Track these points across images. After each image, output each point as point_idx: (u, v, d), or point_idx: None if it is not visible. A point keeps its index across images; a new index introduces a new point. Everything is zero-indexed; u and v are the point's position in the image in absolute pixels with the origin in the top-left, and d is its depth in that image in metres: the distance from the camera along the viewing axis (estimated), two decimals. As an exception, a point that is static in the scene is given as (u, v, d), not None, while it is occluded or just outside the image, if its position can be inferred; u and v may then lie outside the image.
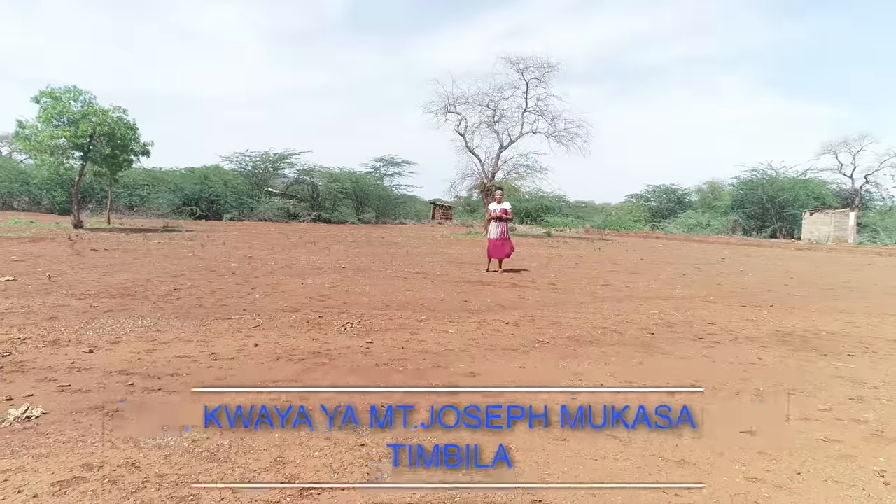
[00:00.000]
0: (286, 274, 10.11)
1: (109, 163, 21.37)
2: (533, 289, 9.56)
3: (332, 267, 11.52)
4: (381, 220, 44.93)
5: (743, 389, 4.19)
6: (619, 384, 4.22)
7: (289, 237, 21.36)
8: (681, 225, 45.30)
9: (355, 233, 27.44)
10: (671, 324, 6.79)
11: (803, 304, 8.99)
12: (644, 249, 22.94)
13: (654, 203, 54.26)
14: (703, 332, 6.40)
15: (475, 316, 6.85)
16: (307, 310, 6.76)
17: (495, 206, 11.81)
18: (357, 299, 7.74)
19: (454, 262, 13.64)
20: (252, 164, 42.17)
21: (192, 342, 4.98)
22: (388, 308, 7.13)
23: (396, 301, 7.72)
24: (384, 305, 7.32)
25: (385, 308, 7.12)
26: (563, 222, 45.08)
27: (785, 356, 5.38)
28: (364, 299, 7.75)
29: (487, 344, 5.37)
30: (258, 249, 14.86)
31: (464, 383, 4.02)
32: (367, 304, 7.40)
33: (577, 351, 5.23)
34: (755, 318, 7.53)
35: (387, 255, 14.71)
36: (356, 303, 7.44)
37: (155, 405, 3.42)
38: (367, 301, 7.61)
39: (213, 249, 14.33)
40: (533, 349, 5.26)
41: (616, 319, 6.95)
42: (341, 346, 5.02)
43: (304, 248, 16.21)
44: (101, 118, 20.17)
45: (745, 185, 44.93)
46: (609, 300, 8.64)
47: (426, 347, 5.12)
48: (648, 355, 5.20)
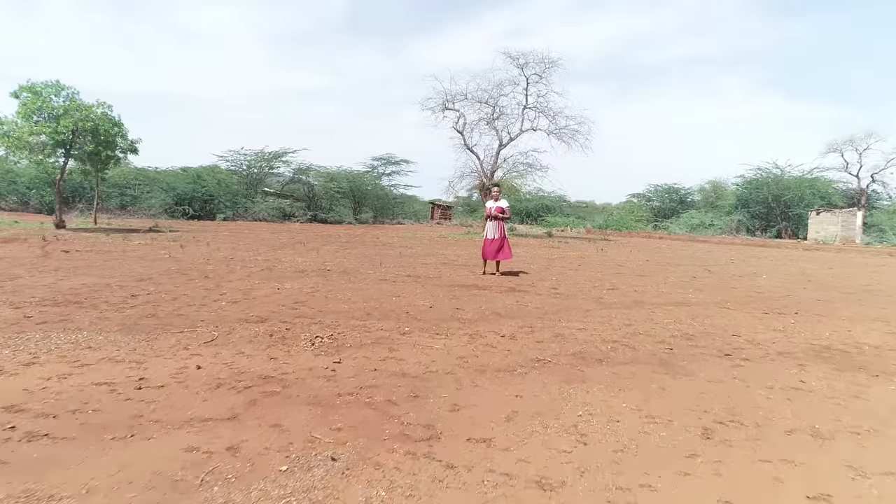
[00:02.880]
0: (264, 277, 9.28)
1: (93, 160, 20.52)
2: (533, 294, 8.72)
3: (317, 269, 10.68)
4: (379, 221, 44.07)
5: (796, 428, 3.36)
6: (641, 421, 3.38)
7: (279, 238, 20.53)
8: (684, 225, 44.47)
9: (350, 233, 26.59)
10: (690, 336, 5.95)
11: (830, 311, 8.16)
12: (648, 250, 22.10)
13: (656, 203, 53.44)
14: (728, 346, 5.56)
15: (467, 327, 6.02)
16: (275, 320, 5.92)
17: (492, 204, 10.96)
18: (336, 307, 6.90)
19: (449, 264, 12.80)
20: (247, 162, 41.30)
21: (123, 363, 4.14)
22: (368, 317, 6.29)
23: (380, 309, 6.88)
24: (364, 314, 6.48)
25: (365, 317, 6.29)
26: (564, 222, 44.23)
27: (830, 378, 4.54)
28: (343, 307, 6.91)
29: (478, 363, 4.53)
30: (242, 251, 14.02)
31: (442, 425, 3.17)
32: (345, 312, 6.56)
33: (585, 373, 4.40)
34: (782, 327, 6.69)
35: (378, 257, 13.88)
36: (333, 311, 6.60)
37: (21, 463, 2.59)
38: (346, 309, 6.77)
39: (194, 251, 13.49)
40: (532, 370, 4.42)
41: (627, 330, 6.12)
42: (302, 368, 4.19)
43: (292, 249, 15.37)
44: (84, 114, 19.33)
45: (749, 184, 44.07)
46: (617, 306, 7.80)
47: (404, 369, 4.28)
48: (670, 377, 4.36)
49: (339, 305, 6.99)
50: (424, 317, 6.48)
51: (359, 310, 6.75)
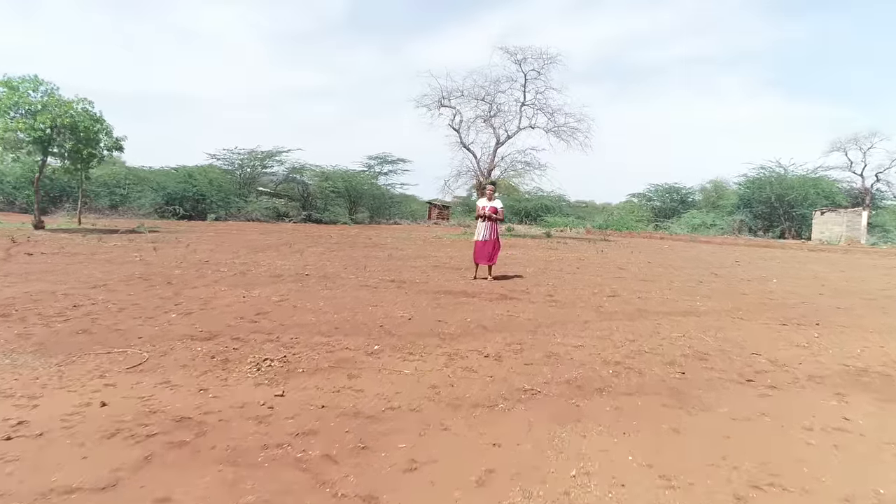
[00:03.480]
0: (233, 283, 8.50)
1: (74, 158, 19.72)
2: (526, 301, 7.94)
3: (294, 274, 9.90)
4: (376, 221, 43.26)
5: (856, 495, 2.57)
6: (653, 484, 2.60)
7: (267, 239, 19.75)
8: (685, 225, 43.67)
9: (343, 233, 25.80)
10: (703, 355, 5.17)
11: (853, 321, 7.38)
12: (650, 251, 21.31)
13: (656, 203, 52.65)
14: (748, 367, 4.78)
15: (447, 344, 5.23)
16: (225, 337, 5.14)
17: (484, 203, 10.16)
18: (301, 319, 6.11)
19: (439, 267, 12.01)
20: (240, 161, 40.47)
21: (12, 398, 3.36)
22: (335, 332, 5.51)
23: (351, 321, 6.09)
24: (332, 328, 5.70)
25: (331, 332, 5.50)
26: (564, 222, 43.38)
27: (878, 413, 3.76)
28: (310, 319, 6.12)
29: (452, 396, 3.75)
30: (220, 253, 13.24)
31: (389, 497, 2.38)
32: (310, 326, 5.77)
33: (581, 408, 3.61)
34: (806, 342, 5.91)
35: (364, 259, 13.09)
36: (297, 324, 5.81)
37: None
38: (312, 322, 5.98)
39: (169, 253, 12.71)
40: (517, 404, 3.64)
41: (631, 348, 5.33)
42: (233, 405, 3.40)
43: (276, 251, 14.58)
44: (63, 110, 18.55)
45: (752, 183, 43.25)
46: (618, 317, 7.02)
47: (359, 405, 3.49)
48: (685, 413, 3.58)
49: (305, 317, 6.20)
50: (400, 331, 5.70)
51: (327, 323, 5.97)
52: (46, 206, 32.80)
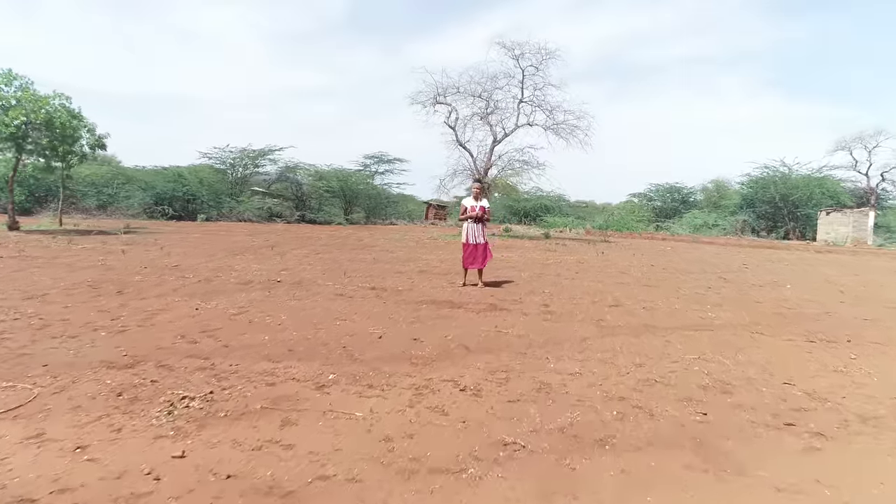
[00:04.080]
0: (192, 292, 7.63)
1: (49, 155, 18.85)
2: (518, 313, 7.06)
3: (265, 281, 9.02)
4: (372, 221, 42.35)
5: None
6: None
7: (252, 240, 18.86)
8: (686, 225, 42.82)
9: (335, 234, 24.91)
10: (726, 385, 4.30)
11: (886, 336, 6.51)
12: (652, 253, 20.44)
13: (657, 203, 51.84)
14: (782, 403, 3.91)
15: (418, 371, 4.36)
16: (150, 363, 4.27)
17: (472, 203, 9.26)
18: (252, 338, 5.24)
19: (426, 272, 11.14)
20: (231, 160, 39.55)
21: None
22: (286, 357, 4.63)
23: (310, 341, 5.22)
24: (284, 351, 4.82)
25: (282, 357, 4.63)
26: (564, 223, 42.40)
27: (964, 475, 2.89)
28: (262, 338, 5.24)
29: (409, 455, 2.87)
30: (195, 256, 12.36)
31: None
32: (259, 347, 4.90)
33: (576, 472, 2.74)
34: (843, 366, 5.04)
35: (348, 263, 12.21)
36: (244, 346, 4.94)
37: None
38: (263, 342, 5.10)
39: (138, 257, 11.83)
40: (492, 468, 2.76)
41: (638, 376, 4.46)
42: (105, 477, 2.52)
43: (257, 253, 13.70)
44: (37, 105, 17.68)
45: (755, 183, 42.39)
46: (622, 332, 6.15)
47: (278, 475, 2.61)
48: (713, 479, 2.71)
49: (257, 336, 5.33)
50: (366, 354, 4.83)
51: (281, 343, 5.09)
52: (32, 206, 31.97)
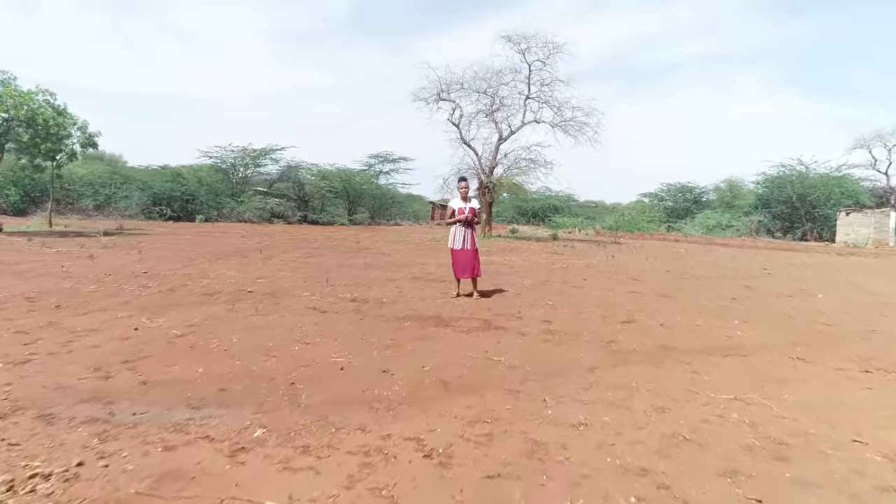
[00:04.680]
0: (145, 306, 6.68)
1: (31, 153, 18.04)
2: (515, 333, 6.05)
3: (234, 291, 8.07)
4: (376, 222, 41.43)
5: None
6: None
7: (245, 242, 17.97)
8: (699, 226, 41.58)
9: (333, 236, 23.97)
10: (780, 447, 3.26)
11: (954, 363, 5.45)
12: (665, 256, 19.34)
13: (669, 203, 50.60)
14: (859, 477, 2.88)
15: (375, 424, 3.37)
16: (28, 413, 3.30)
17: (460, 205, 8.21)
18: (183, 371, 4.26)
19: (419, 280, 10.14)
20: (232, 160, 38.71)
21: None
22: (211, 401, 3.65)
23: (254, 375, 4.23)
24: (214, 391, 3.84)
25: (206, 401, 3.64)
26: (573, 223, 41.26)
27: None
28: (194, 372, 4.26)
29: None
30: (172, 261, 11.43)
31: None
32: (184, 386, 3.91)
33: None
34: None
35: (337, 269, 11.24)
36: (168, 383, 3.96)
37: None
38: (194, 378, 4.12)
39: (107, 262, 10.91)
40: None
41: (662, 430, 3.43)
42: None
43: (241, 258, 12.76)
44: (17, 101, 16.86)
45: (772, 182, 41.07)
46: (638, 359, 5.13)
47: None
48: None
49: (190, 368, 4.34)
50: (315, 395, 3.83)
51: (215, 379, 4.11)
52: (27, 207, 31.26)
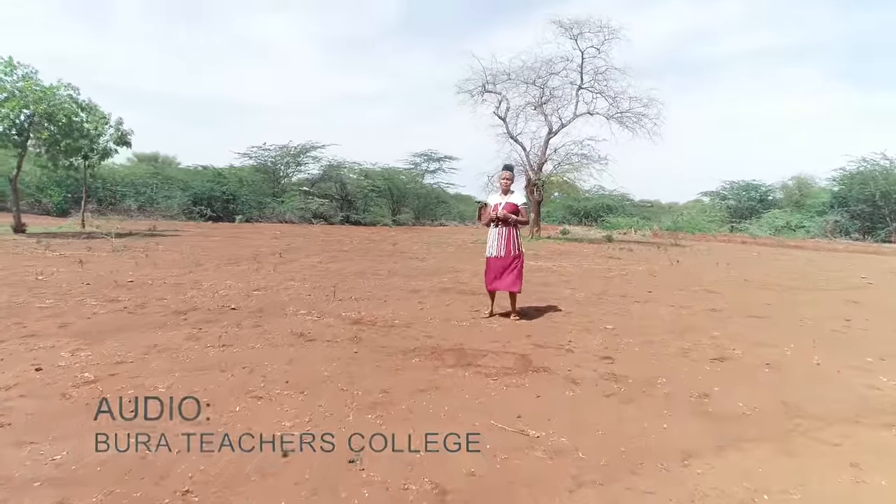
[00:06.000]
0: (85, 330, 5.26)
1: (51, 151, 17.25)
2: (562, 381, 4.30)
3: (220, 306, 6.59)
4: (420, 222, 40.00)
5: None
6: None
7: (272, 244, 16.71)
8: (766, 226, 38.39)
9: (370, 237, 22.54)
10: None
11: None
12: (736, 260, 17.04)
13: (732, 202, 47.30)
14: None
15: None
16: None
17: (497, 200, 6.49)
18: (27, 458, 2.73)
19: (450, 291, 8.47)
20: (272, 159, 37.96)
21: None
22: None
23: (133, 472, 2.66)
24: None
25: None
26: (628, 223, 38.79)
27: None
28: (43, 463, 2.72)
29: None
30: (171, 268, 10.11)
31: None
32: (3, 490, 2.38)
33: None
34: None
35: (354, 278, 9.68)
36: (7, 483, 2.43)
37: None
38: (27, 478, 2.58)
39: (98, 267, 9.68)
40: None
41: None
42: None
43: (253, 263, 11.37)
44: (38, 96, 16.05)
45: (851, 179, 37.41)
46: (752, 436, 3.32)
47: None
48: None
49: (51, 449, 2.80)
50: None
51: (62, 483, 2.55)
52: (69, 207, 31.16)
